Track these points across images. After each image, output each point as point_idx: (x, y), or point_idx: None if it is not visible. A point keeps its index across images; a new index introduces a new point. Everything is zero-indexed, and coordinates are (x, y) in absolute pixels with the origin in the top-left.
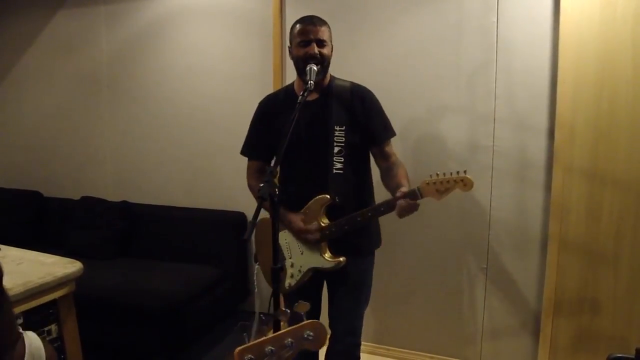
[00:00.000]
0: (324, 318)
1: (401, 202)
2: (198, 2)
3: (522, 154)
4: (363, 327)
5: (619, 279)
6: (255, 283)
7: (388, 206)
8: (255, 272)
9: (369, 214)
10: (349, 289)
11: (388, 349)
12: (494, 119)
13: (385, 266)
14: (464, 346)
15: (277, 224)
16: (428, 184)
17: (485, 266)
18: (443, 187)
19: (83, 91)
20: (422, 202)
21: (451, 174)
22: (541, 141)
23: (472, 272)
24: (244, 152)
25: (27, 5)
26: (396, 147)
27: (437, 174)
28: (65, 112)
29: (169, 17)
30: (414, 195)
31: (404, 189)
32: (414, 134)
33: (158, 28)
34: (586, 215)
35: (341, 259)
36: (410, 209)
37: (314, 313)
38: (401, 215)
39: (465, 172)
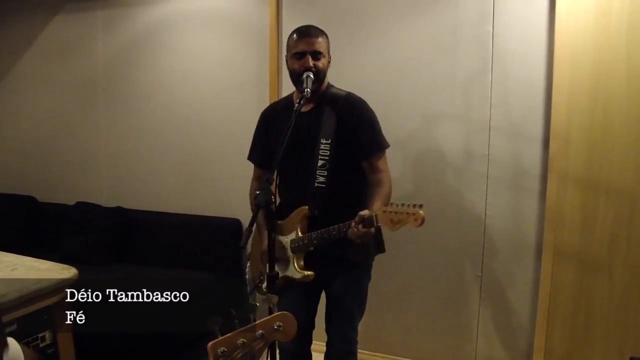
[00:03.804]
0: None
1: (355, 228)
2: (195, 9)
3: (517, 162)
4: (357, 336)
5: (613, 286)
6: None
7: (348, 227)
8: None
9: (334, 232)
10: (341, 302)
11: (383, 357)
12: (489, 128)
13: (380, 274)
14: (459, 354)
15: (273, 230)
16: (385, 212)
17: (480, 274)
18: (397, 217)
19: (79, 96)
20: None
21: (409, 205)
22: (536, 150)
23: (467, 280)
24: (249, 157)
25: (24, 10)
26: (392, 155)
27: (397, 204)
28: (61, 117)
29: (165, 23)
30: (369, 222)
31: (363, 213)
32: (409, 142)
33: (155, 34)
34: (581, 223)
35: (308, 273)
36: (362, 235)
37: (306, 321)
38: (355, 239)
39: (421, 205)
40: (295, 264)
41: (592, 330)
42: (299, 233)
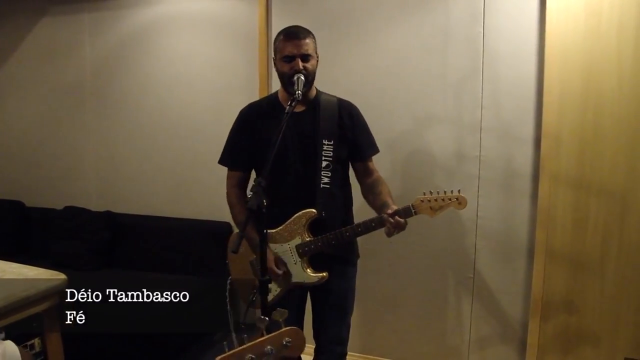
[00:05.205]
0: (307, 332)
1: (393, 219)
2: (183, 11)
3: (509, 163)
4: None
5: (605, 286)
6: (227, 300)
7: (379, 222)
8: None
9: (359, 229)
10: (334, 300)
11: (375, 359)
12: (481, 129)
13: (372, 276)
14: (451, 356)
15: (265, 235)
16: (422, 201)
17: (471, 275)
18: (438, 205)
19: (66, 99)
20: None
21: (445, 192)
22: (527, 151)
23: (459, 282)
24: (223, 161)
25: (8, 13)
26: (383, 157)
27: (431, 192)
28: (49, 121)
29: (153, 26)
30: (407, 213)
31: (395, 206)
32: (401, 144)
33: (143, 37)
34: (572, 224)
35: (324, 274)
36: (401, 227)
37: (297, 326)
38: (390, 233)
39: (459, 191)
40: (307, 269)
41: (584, 331)
42: (307, 237)
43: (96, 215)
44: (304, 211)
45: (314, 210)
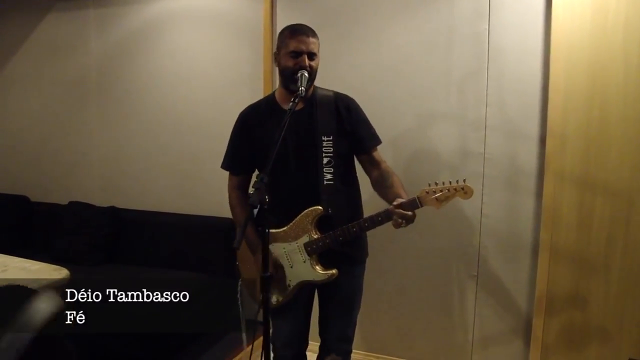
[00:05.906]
0: (313, 328)
1: (399, 212)
2: (188, 8)
3: (513, 161)
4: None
5: (609, 285)
6: (239, 296)
7: (386, 216)
8: (239, 286)
9: (366, 224)
10: (341, 298)
11: (378, 357)
12: (485, 127)
13: (376, 274)
14: (455, 354)
15: (267, 231)
16: (428, 192)
17: (476, 274)
18: (443, 195)
19: (71, 95)
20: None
21: (450, 182)
22: (532, 148)
23: (463, 280)
24: (225, 166)
25: (15, 9)
26: (387, 154)
27: (436, 183)
28: (53, 116)
29: (158, 22)
30: (413, 205)
31: (401, 199)
32: (405, 141)
33: (148, 33)
34: (577, 222)
35: (333, 271)
36: (409, 219)
37: (304, 325)
38: (398, 225)
39: (464, 180)
40: (316, 266)
41: (589, 330)
42: (314, 234)
43: (100, 211)
44: (310, 209)
45: (320, 207)
